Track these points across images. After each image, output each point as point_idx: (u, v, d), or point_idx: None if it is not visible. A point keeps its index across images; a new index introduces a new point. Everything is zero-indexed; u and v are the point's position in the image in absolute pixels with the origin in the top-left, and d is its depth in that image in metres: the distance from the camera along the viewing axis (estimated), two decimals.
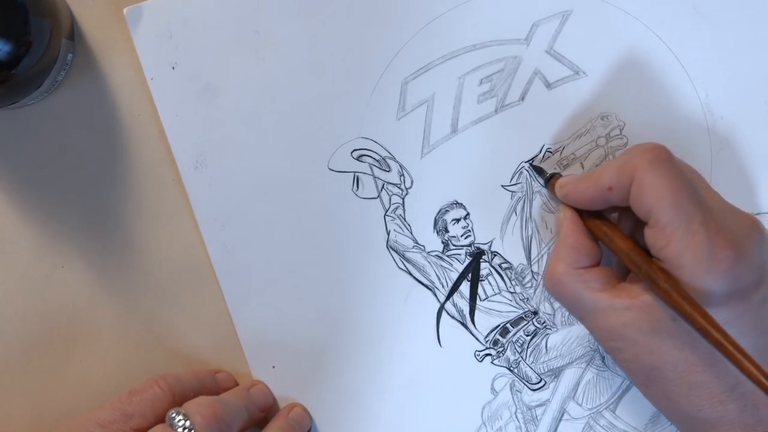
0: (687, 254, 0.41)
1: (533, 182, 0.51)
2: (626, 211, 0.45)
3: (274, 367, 0.51)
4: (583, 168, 0.51)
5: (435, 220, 0.51)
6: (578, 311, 0.45)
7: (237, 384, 0.51)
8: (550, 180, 0.49)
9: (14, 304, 0.51)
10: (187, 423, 0.44)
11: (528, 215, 0.51)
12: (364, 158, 0.50)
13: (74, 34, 0.49)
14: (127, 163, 0.50)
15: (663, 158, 0.42)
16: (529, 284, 0.52)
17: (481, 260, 0.51)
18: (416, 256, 0.51)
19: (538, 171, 0.50)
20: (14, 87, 0.45)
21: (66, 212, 0.51)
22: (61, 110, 0.50)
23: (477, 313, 0.52)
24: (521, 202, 0.51)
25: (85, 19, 0.50)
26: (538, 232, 0.51)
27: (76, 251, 0.51)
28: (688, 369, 0.42)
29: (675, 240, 0.41)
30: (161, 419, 0.45)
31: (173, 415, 0.44)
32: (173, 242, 0.51)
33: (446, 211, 0.51)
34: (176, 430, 0.44)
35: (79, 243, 0.51)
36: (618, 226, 0.46)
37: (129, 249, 0.51)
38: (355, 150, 0.50)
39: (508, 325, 0.52)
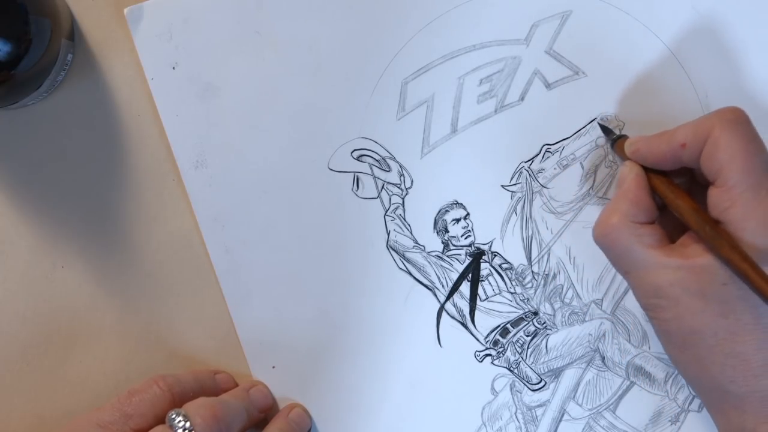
0: (752, 218, 0.41)
1: (533, 182, 0.51)
2: (686, 179, 0.46)
3: (274, 367, 0.51)
4: (582, 168, 0.51)
5: (435, 220, 0.51)
6: (625, 265, 0.45)
7: (237, 385, 0.51)
8: (617, 141, 0.49)
9: (14, 304, 0.51)
10: (187, 424, 0.44)
11: (528, 215, 0.51)
12: (364, 158, 0.51)
13: (74, 34, 0.50)
14: (127, 163, 0.51)
15: (742, 120, 0.43)
16: (529, 285, 0.52)
17: (481, 260, 0.51)
18: (416, 256, 0.51)
19: (606, 131, 0.50)
20: (14, 87, 0.45)
21: (66, 212, 0.51)
22: (61, 110, 0.50)
23: (477, 313, 0.52)
24: (521, 203, 0.51)
25: (85, 19, 0.50)
26: (538, 232, 0.51)
27: (76, 251, 0.51)
28: (729, 337, 0.42)
29: (741, 202, 0.41)
30: (161, 420, 0.45)
31: (173, 416, 0.44)
32: (173, 242, 0.51)
33: (446, 211, 0.51)
34: (176, 431, 0.44)
35: (79, 243, 0.51)
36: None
37: (129, 249, 0.51)
38: (355, 150, 0.50)
39: (508, 326, 0.52)
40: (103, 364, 0.51)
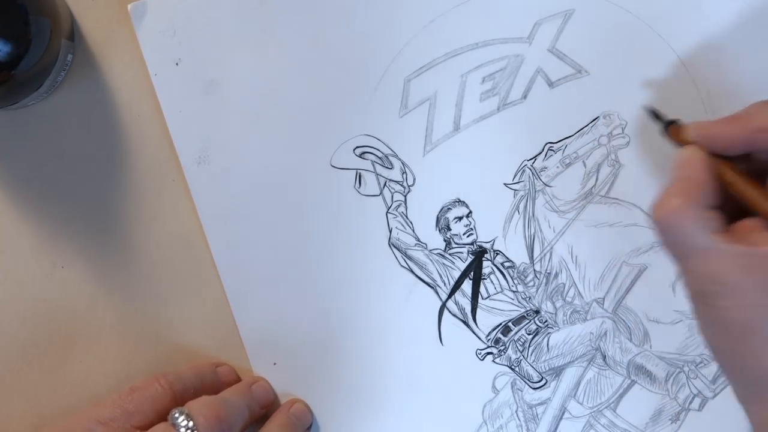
0: None
1: (536, 180, 0.51)
2: (744, 166, 0.45)
3: (275, 364, 0.51)
4: (585, 166, 0.51)
5: (437, 218, 0.51)
6: (683, 249, 0.43)
7: (238, 377, 0.51)
8: (670, 126, 0.47)
9: (14, 304, 0.51)
10: (190, 423, 0.44)
11: (531, 214, 0.51)
12: (367, 155, 0.50)
13: (74, 34, 0.49)
14: (127, 163, 0.50)
15: None
16: (531, 283, 0.52)
17: (484, 258, 0.51)
18: (418, 254, 0.51)
19: (655, 115, 0.48)
20: (14, 87, 0.45)
21: (66, 212, 0.51)
22: (60, 111, 0.50)
23: (479, 311, 0.52)
24: (524, 201, 0.51)
25: (85, 19, 0.50)
26: (540, 230, 0.51)
27: (76, 251, 0.51)
28: None
29: None
30: (162, 417, 0.45)
31: (176, 414, 0.44)
32: (173, 242, 0.51)
33: (448, 209, 0.51)
34: (179, 430, 0.44)
35: (79, 243, 0.51)
36: None
37: (129, 249, 0.51)
38: (357, 147, 0.50)
39: (509, 324, 0.52)
40: (103, 364, 0.51)
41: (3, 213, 0.50)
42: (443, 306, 0.51)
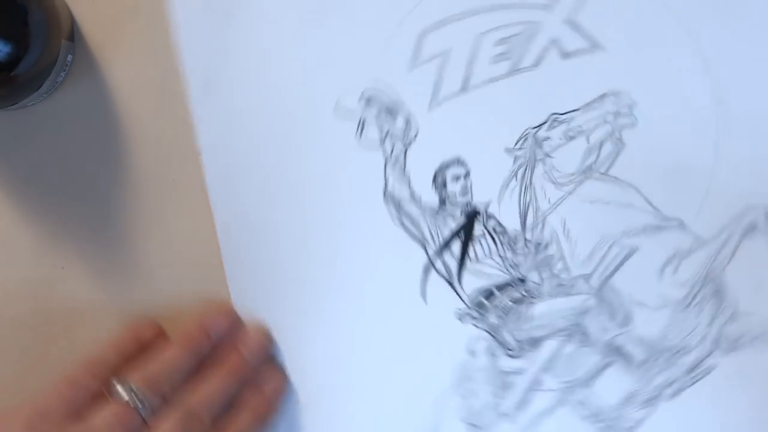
0: None
1: (537, 149, 0.51)
2: None
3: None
4: (588, 142, 0.51)
5: (435, 174, 0.51)
6: None
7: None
8: None
9: (14, 304, 0.51)
10: (132, 388, 0.45)
11: (528, 182, 0.51)
12: (372, 103, 0.50)
13: (74, 35, 0.49)
14: (127, 164, 0.50)
15: None
16: (520, 251, 0.52)
17: (476, 220, 0.51)
18: (411, 209, 0.51)
19: None
20: (14, 88, 0.45)
21: (66, 213, 0.51)
22: (60, 111, 0.50)
23: (465, 273, 0.52)
24: (523, 168, 0.51)
25: (85, 19, 0.50)
26: (536, 199, 0.51)
27: (76, 251, 0.51)
28: None
29: None
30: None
31: (116, 384, 0.45)
32: (173, 242, 0.51)
33: (447, 166, 0.51)
34: (121, 399, 0.44)
35: (79, 243, 0.51)
36: None
37: (129, 249, 0.51)
38: (362, 96, 0.50)
39: (494, 289, 0.52)
40: None
41: (3, 213, 0.50)
42: (430, 264, 0.52)
